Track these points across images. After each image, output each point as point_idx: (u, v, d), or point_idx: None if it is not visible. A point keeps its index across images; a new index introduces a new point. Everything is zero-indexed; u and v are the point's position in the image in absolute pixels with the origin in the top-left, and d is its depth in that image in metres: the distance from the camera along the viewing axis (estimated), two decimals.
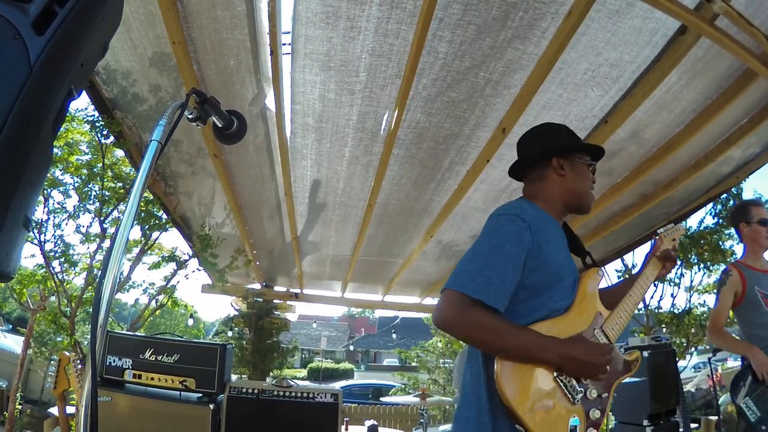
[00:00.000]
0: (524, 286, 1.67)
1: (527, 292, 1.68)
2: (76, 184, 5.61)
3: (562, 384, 1.59)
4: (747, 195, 8.36)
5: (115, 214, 5.54)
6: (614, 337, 1.77)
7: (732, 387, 3.49)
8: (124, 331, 5.33)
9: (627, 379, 4.82)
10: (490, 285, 1.59)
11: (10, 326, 18.82)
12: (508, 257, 1.64)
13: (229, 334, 9.04)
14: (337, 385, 15.91)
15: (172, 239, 6.58)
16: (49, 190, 5.56)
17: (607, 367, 1.63)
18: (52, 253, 5.46)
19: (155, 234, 5.89)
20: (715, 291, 3.67)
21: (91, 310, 1.08)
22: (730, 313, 3.57)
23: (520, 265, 1.65)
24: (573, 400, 1.60)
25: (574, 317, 1.72)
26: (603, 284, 1.92)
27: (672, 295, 8.13)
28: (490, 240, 1.71)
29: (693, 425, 6.50)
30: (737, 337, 3.64)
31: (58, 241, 5.53)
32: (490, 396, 1.60)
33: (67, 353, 3.67)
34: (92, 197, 5.57)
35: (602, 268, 1.86)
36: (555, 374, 1.59)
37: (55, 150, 5.19)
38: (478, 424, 1.62)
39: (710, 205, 7.37)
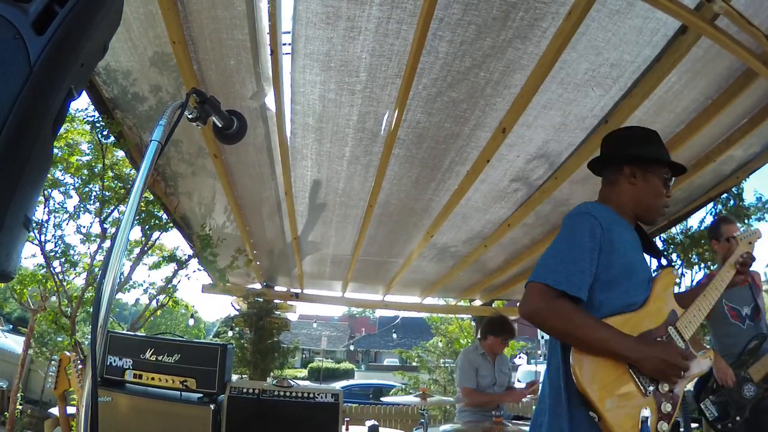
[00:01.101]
0: (598, 279, 1.74)
1: (602, 287, 1.74)
2: (77, 185, 5.61)
3: (634, 375, 1.65)
4: (747, 195, 8.38)
5: (116, 214, 5.54)
6: (688, 335, 1.81)
7: (695, 389, 3.90)
8: (124, 331, 5.33)
9: None
10: (572, 276, 1.69)
11: (11, 326, 18.84)
12: (585, 250, 1.73)
13: (230, 334, 9.05)
14: (338, 385, 15.91)
15: (172, 239, 6.58)
16: (49, 190, 5.56)
17: (683, 372, 1.68)
18: (53, 254, 5.47)
19: (156, 234, 5.89)
20: None
21: (91, 310, 1.08)
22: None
23: (595, 258, 1.73)
24: (645, 392, 1.65)
25: (647, 314, 1.77)
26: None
27: None
28: (567, 236, 1.81)
29: (693, 425, 6.50)
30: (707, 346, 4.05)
31: (59, 242, 5.53)
32: (567, 386, 1.68)
33: (67, 353, 3.68)
34: (92, 197, 5.57)
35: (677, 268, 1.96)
36: (628, 366, 1.65)
37: (56, 150, 5.21)
38: (555, 414, 1.71)
39: (711, 204, 7.37)
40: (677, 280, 1.96)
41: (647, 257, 2.00)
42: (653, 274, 1.89)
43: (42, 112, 0.77)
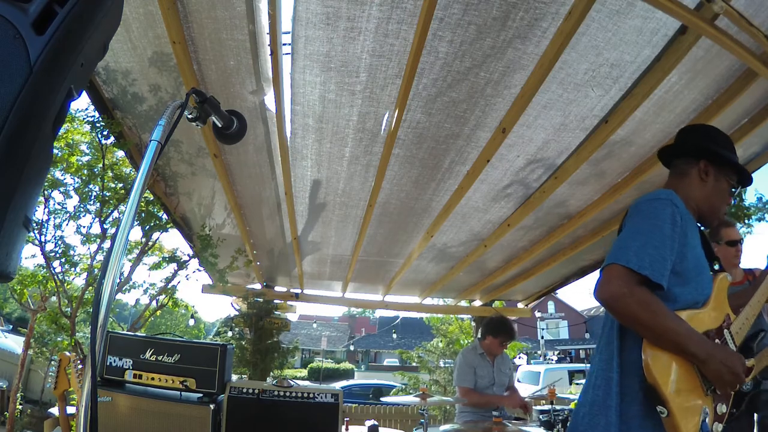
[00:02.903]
0: (673, 271, 1.66)
1: (676, 279, 1.67)
2: (77, 185, 5.61)
3: (698, 373, 1.62)
4: (748, 195, 8.37)
5: (116, 214, 5.55)
6: (739, 341, 1.80)
7: None
8: (124, 332, 5.33)
9: None
10: (655, 262, 1.60)
11: (11, 326, 18.86)
12: (666, 238, 1.65)
13: (230, 334, 9.04)
14: (338, 385, 15.92)
15: (172, 240, 6.59)
16: (49, 190, 5.57)
17: (738, 385, 1.65)
18: (53, 254, 5.47)
19: (156, 234, 5.90)
20: None
21: (91, 310, 1.08)
22: None
23: (675, 248, 1.66)
24: (706, 391, 1.62)
25: (708, 314, 1.73)
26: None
27: None
28: (649, 221, 1.71)
29: None
30: None
31: (59, 242, 5.53)
32: (621, 379, 1.64)
33: (67, 354, 3.68)
34: (92, 198, 5.57)
35: (728, 275, 1.92)
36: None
37: (56, 150, 5.21)
38: (603, 406, 1.65)
39: None
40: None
41: None
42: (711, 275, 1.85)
43: (42, 113, 0.77)
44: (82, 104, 9.44)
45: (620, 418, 1.60)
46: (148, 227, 5.68)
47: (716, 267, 1.94)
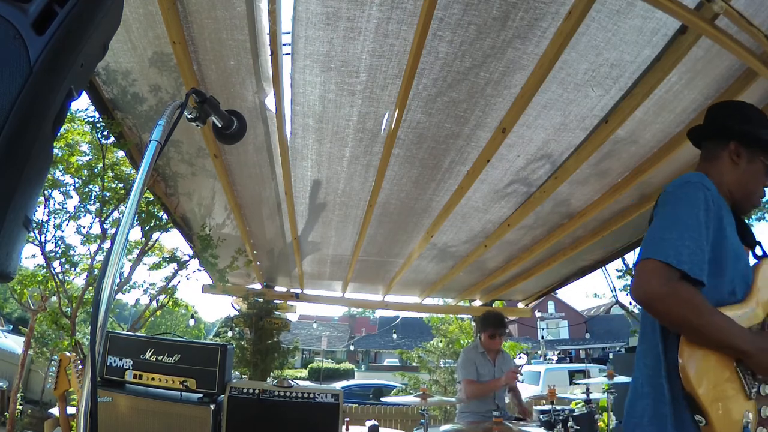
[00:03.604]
0: (708, 260, 1.52)
1: (711, 268, 1.53)
2: (77, 185, 5.62)
3: (741, 375, 1.51)
4: None
5: (116, 214, 5.55)
6: None
7: None
8: (124, 332, 5.33)
9: (628, 379, 4.85)
10: (694, 255, 1.47)
11: (11, 326, 18.86)
12: (701, 226, 1.52)
13: (230, 334, 9.05)
14: (338, 385, 15.90)
15: (172, 240, 6.59)
16: (49, 190, 5.58)
17: None
18: (53, 254, 5.48)
19: (156, 234, 5.90)
20: None
21: (91, 310, 1.08)
22: None
23: (710, 236, 1.54)
24: (749, 394, 1.51)
25: (749, 306, 1.60)
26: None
27: None
28: (683, 207, 1.57)
29: None
30: None
31: (59, 242, 5.54)
32: (671, 386, 1.52)
33: (67, 354, 3.68)
34: (93, 198, 5.58)
35: None
36: (735, 364, 1.51)
37: (56, 151, 5.21)
38: (656, 416, 1.54)
39: None
40: None
41: None
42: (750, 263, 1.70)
43: (42, 113, 0.77)
44: (82, 104, 9.44)
45: (676, 428, 1.49)
46: (148, 227, 5.68)
47: (759, 252, 1.78)
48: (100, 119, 4.60)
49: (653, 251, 1.49)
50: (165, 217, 5.67)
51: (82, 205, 5.60)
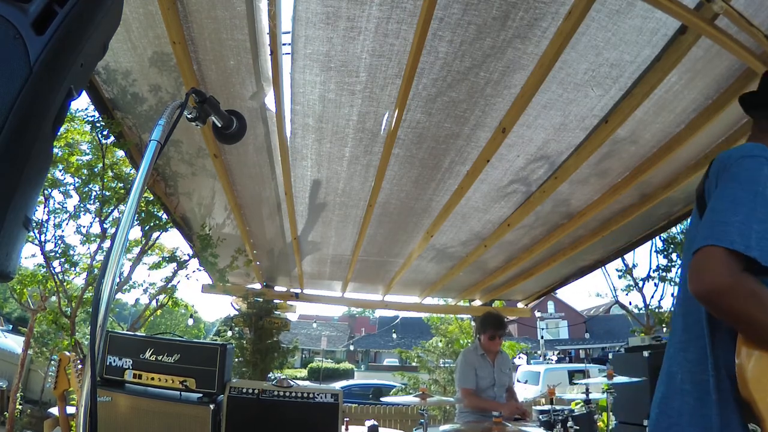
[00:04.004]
0: None
1: None
2: (77, 185, 5.63)
3: None
4: None
5: (116, 214, 5.55)
6: None
7: None
8: (124, 331, 5.33)
9: (627, 379, 4.84)
10: (762, 240, 1.26)
11: (11, 326, 18.86)
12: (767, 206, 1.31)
13: (230, 334, 9.05)
14: (338, 385, 15.90)
15: (172, 239, 6.60)
16: (49, 190, 5.58)
17: None
18: (53, 254, 5.48)
19: (155, 234, 5.90)
20: None
21: (91, 309, 1.08)
22: None
23: None
24: None
25: None
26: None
27: (673, 294, 8.14)
28: (746, 185, 1.35)
29: None
30: None
31: (59, 242, 5.54)
32: (719, 386, 1.34)
33: (67, 353, 3.68)
34: (92, 197, 5.58)
35: None
36: None
37: (56, 150, 5.21)
38: (698, 417, 1.37)
39: None
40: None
41: None
42: None
43: (42, 112, 0.77)
44: (82, 104, 9.44)
45: (722, 430, 1.32)
46: (148, 227, 5.68)
47: None
48: (100, 119, 4.60)
49: (717, 236, 1.29)
50: (165, 216, 5.67)
51: (81, 205, 5.61)
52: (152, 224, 5.67)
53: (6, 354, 10.99)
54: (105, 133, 4.88)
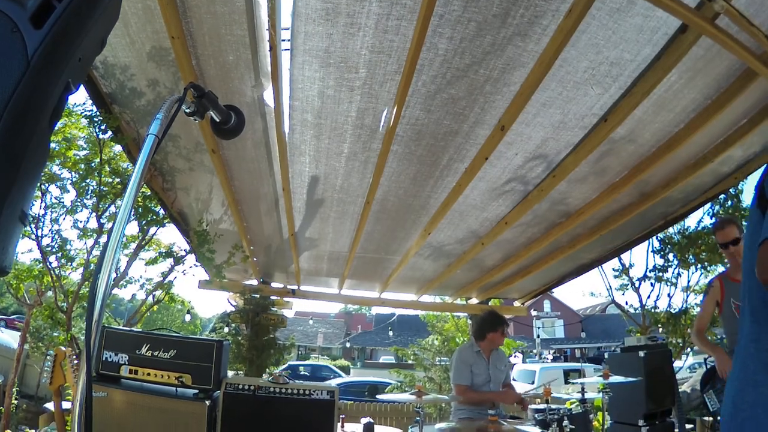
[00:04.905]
0: None
1: None
2: (74, 179, 5.61)
3: None
4: (747, 195, 8.37)
5: (113, 209, 5.54)
6: None
7: (700, 382, 4.27)
8: (120, 327, 5.32)
9: (623, 379, 4.86)
10: None
11: (5, 323, 18.81)
12: None
13: (226, 330, 9.04)
14: (334, 382, 15.90)
15: (169, 235, 6.60)
16: (46, 185, 5.56)
17: None
18: (49, 248, 5.46)
19: (152, 229, 5.89)
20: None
21: (87, 305, 1.07)
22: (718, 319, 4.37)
23: None
24: None
25: None
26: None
27: (669, 295, 8.15)
28: None
29: (688, 426, 6.52)
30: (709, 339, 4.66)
31: (56, 236, 5.53)
32: None
33: (63, 348, 3.67)
34: (90, 192, 5.56)
35: None
36: None
37: (53, 145, 5.19)
38: None
39: (708, 205, 7.39)
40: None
41: None
42: None
43: (39, 106, 0.76)
44: (79, 98, 9.36)
45: None
46: (144, 222, 5.67)
47: None
48: (98, 113, 4.59)
49: None
50: (162, 212, 5.65)
51: (78, 200, 5.59)
52: (149, 219, 5.65)
53: (2, 349, 10.97)
54: (102, 127, 4.86)
